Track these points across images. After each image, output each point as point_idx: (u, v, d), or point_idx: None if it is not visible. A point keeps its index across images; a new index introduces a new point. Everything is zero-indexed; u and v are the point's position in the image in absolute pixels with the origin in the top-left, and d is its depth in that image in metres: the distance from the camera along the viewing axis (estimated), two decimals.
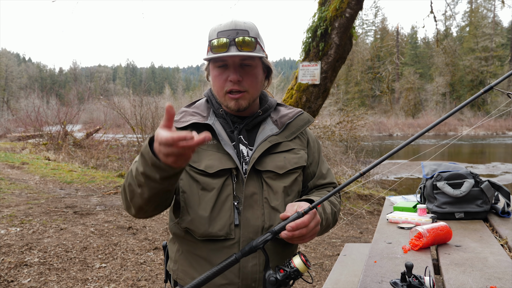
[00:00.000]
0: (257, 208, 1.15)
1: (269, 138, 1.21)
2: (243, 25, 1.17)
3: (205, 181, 1.15)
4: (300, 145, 1.28)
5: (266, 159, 1.19)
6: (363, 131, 11.22)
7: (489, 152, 20.89)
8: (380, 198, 7.28)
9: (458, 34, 53.51)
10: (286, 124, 1.25)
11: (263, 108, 1.27)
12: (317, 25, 5.29)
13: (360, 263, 2.62)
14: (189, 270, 1.19)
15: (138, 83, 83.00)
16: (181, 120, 1.23)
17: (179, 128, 1.21)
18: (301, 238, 1.03)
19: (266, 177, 1.18)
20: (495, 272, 1.38)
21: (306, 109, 5.39)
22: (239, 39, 1.14)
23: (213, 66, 1.20)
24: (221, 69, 1.18)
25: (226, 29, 1.16)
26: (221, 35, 1.15)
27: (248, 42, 1.15)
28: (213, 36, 1.17)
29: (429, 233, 1.65)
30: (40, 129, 12.74)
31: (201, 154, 1.17)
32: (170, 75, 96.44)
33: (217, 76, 1.19)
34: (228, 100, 1.19)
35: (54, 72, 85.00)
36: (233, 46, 1.14)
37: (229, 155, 1.16)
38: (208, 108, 1.28)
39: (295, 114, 1.28)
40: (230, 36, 1.14)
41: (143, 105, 10.16)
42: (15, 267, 3.12)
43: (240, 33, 1.15)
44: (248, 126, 1.24)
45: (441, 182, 2.14)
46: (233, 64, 1.16)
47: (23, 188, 6.01)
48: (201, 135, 0.83)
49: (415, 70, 52.76)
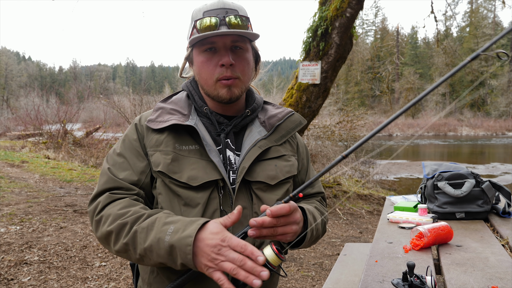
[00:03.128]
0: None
1: (258, 143, 1.06)
2: (232, 5, 1.04)
3: (188, 196, 0.99)
4: (290, 150, 1.15)
5: (255, 168, 1.05)
6: (363, 131, 11.22)
7: (489, 152, 20.91)
8: (380, 198, 7.29)
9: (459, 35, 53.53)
10: (276, 126, 1.11)
11: (251, 108, 1.12)
12: (317, 24, 5.29)
13: (361, 262, 2.62)
14: (171, 275, 1.02)
15: (138, 82, 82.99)
16: (157, 119, 1.05)
17: (155, 129, 1.05)
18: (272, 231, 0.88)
19: (256, 188, 1.04)
20: (496, 272, 1.38)
21: (306, 108, 5.39)
22: (230, 18, 1.00)
23: (198, 51, 1.04)
24: (209, 53, 1.02)
25: (213, 8, 1.02)
26: (208, 14, 1.01)
27: (240, 21, 1.02)
28: (199, 15, 1.03)
29: (430, 233, 1.65)
30: (40, 127, 12.75)
31: (181, 163, 1.01)
32: (170, 74, 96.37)
33: (205, 61, 1.03)
34: (219, 88, 1.02)
35: (54, 71, 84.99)
36: (223, 26, 1.00)
37: (214, 163, 1.00)
38: (189, 104, 1.11)
39: (285, 115, 1.13)
40: (220, 15, 1.01)
41: (143, 104, 10.17)
42: (15, 265, 3.12)
43: (230, 12, 1.02)
44: (236, 127, 1.09)
45: (442, 182, 2.13)
46: (224, 46, 1.01)
47: (23, 187, 6.01)
48: None
49: (415, 70, 52.78)
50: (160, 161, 1.00)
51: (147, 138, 1.05)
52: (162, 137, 1.03)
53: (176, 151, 1.02)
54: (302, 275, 3.56)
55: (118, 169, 1.02)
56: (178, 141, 1.03)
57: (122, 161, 1.03)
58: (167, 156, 1.00)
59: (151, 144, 1.04)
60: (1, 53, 65.18)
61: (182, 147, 1.02)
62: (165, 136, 1.03)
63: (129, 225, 0.91)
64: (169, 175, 0.99)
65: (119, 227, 0.92)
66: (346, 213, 6.10)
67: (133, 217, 0.92)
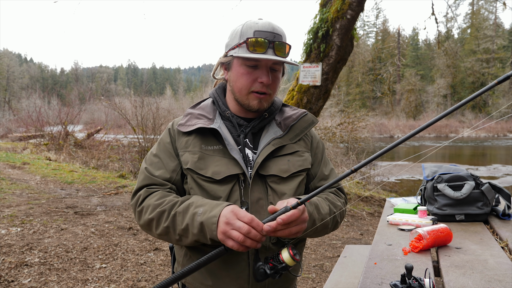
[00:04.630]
0: (263, 214, 1.13)
1: (272, 142, 1.20)
2: (279, 30, 1.17)
3: (213, 188, 1.14)
4: (304, 147, 1.27)
5: (269, 163, 1.18)
6: (364, 132, 11.22)
7: (490, 154, 20.87)
8: (381, 200, 7.27)
9: (460, 36, 53.50)
10: (290, 126, 1.24)
11: (269, 110, 1.25)
12: (318, 26, 5.30)
13: (360, 264, 2.62)
14: (197, 275, 1.18)
15: (139, 83, 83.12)
16: (187, 124, 1.21)
17: (184, 132, 1.21)
18: (285, 232, 1.02)
19: (270, 181, 1.17)
20: (495, 274, 1.37)
21: (307, 110, 5.40)
22: (277, 44, 1.14)
23: (241, 63, 1.17)
24: (251, 69, 1.16)
25: (263, 29, 1.14)
26: (259, 35, 1.13)
27: (284, 47, 1.16)
28: (249, 33, 1.14)
29: (429, 235, 1.64)
30: (41, 129, 12.77)
31: (207, 161, 1.16)
32: (171, 76, 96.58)
33: (245, 74, 1.16)
34: (252, 98, 1.17)
35: (55, 73, 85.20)
36: (270, 49, 1.13)
37: (236, 160, 1.15)
38: (214, 110, 1.26)
39: (299, 116, 1.27)
40: (268, 37, 1.13)
41: (144, 106, 10.16)
42: (16, 267, 3.12)
43: (277, 37, 1.15)
44: (255, 129, 1.22)
45: (441, 184, 2.13)
46: (265, 66, 1.15)
47: (24, 188, 6.02)
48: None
49: (416, 72, 52.75)
50: (189, 160, 1.16)
51: (178, 141, 1.22)
52: (190, 139, 1.20)
53: (202, 151, 1.17)
54: (303, 277, 3.55)
55: (154, 168, 1.20)
56: (204, 142, 1.19)
57: (157, 161, 1.21)
58: (194, 156, 1.16)
59: (181, 145, 1.20)
60: (3, 55, 65.40)
61: (208, 147, 1.18)
62: (193, 138, 1.20)
63: (167, 211, 1.10)
64: (196, 171, 1.15)
65: (158, 214, 1.10)
66: (347, 214, 6.10)
67: (170, 205, 1.10)
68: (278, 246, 1.15)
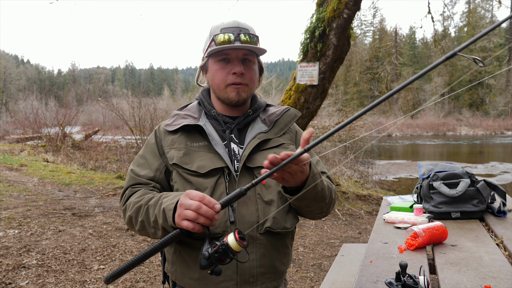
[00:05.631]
0: (250, 204, 1.17)
1: (258, 135, 1.25)
2: (245, 25, 1.25)
3: (198, 181, 1.18)
4: (289, 139, 1.32)
5: (256, 156, 1.22)
6: (362, 131, 11.22)
7: (488, 152, 20.94)
8: (379, 198, 7.29)
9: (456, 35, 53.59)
10: (274, 122, 1.29)
11: (253, 108, 1.31)
12: (315, 26, 5.30)
13: (358, 263, 2.63)
14: (186, 271, 1.20)
15: (137, 84, 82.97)
16: (173, 123, 1.27)
17: (170, 131, 1.26)
18: (286, 175, 0.99)
19: (257, 173, 1.21)
20: (490, 271, 1.38)
21: (304, 109, 5.40)
22: (243, 36, 1.21)
23: (214, 61, 1.24)
24: (223, 63, 1.22)
25: (229, 26, 1.22)
26: (225, 31, 1.21)
27: (251, 39, 1.22)
28: (217, 31, 1.23)
29: (424, 232, 1.65)
30: (39, 131, 12.74)
31: (192, 156, 1.21)
32: (169, 77, 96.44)
33: (219, 69, 1.22)
34: (229, 91, 1.22)
35: (52, 74, 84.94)
36: (237, 42, 1.20)
37: (219, 154, 1.19)
38: (200, 110, 1.32)
39: (282, 111, 1.32)
40: (234, 32, 1.21)
41: (142, 107, 10.15)
42: (13, 269, 3.12)
43: (243, 30, 1.22)
44: (240, 125, 1.27)
45: (437, 182, 2.14)
46: (236, 58, 1.21)
47: (21, 190, 6.01)
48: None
49: (413, 71, 52.81)
50: (174, 155, 1.22)
51: (164, 140, 1.27)
52: (176, 137, 1.25)
53: (188, 147, 1.22)
54: (301, 276, 3.56)
55: (140, 169, 1.26)
56: (190, 139, 1.24)
57: (143, 162, 1.28)
58: (180, 152, 1.22)
59: (167, 143, 1.25)
60: (0, 56, 65.18)
61: (193, 144, 1.23)
62: (178, 136, 1.25)
63: (143, 206, 1.14)
64: (181, 165, 1.19)
65: (136, 210, 1.15)
66: (345, 213, 6.11)
67: (145, 200, 1.15)
68: (265, 235, 1.18)
